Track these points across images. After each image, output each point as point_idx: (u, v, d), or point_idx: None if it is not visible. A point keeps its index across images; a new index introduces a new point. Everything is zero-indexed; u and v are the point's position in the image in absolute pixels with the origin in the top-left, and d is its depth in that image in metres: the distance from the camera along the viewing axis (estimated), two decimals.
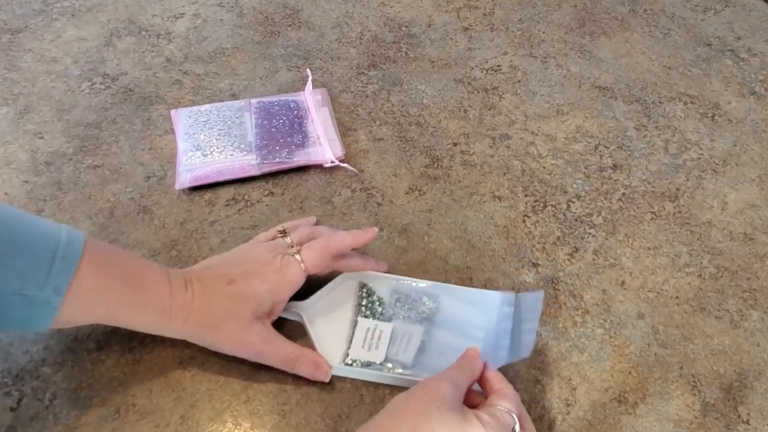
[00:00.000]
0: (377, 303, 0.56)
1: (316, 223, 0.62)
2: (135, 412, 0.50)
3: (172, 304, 0.48)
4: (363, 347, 0.53)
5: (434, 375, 0.46)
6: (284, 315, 0.54)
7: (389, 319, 0.55)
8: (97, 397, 0.50)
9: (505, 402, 0.45)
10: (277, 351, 0.51)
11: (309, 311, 0.54)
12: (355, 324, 0.54)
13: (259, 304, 0.50)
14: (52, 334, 0.54)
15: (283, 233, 0.54)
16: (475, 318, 0.55)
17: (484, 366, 0.48)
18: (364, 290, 0.56)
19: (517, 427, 0.45)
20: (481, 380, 0.48)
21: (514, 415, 0.45)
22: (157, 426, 0.49)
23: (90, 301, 0.45)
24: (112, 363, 0.52)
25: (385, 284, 0.57)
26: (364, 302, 0.55)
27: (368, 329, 0.54)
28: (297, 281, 0.51)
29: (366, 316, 0.55)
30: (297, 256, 0.52)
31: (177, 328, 0.48)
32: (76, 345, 0.53)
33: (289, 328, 0.54)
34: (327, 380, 0.51)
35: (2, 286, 0.41)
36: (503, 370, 0.50)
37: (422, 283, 0.57)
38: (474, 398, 0.48)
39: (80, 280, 0.44)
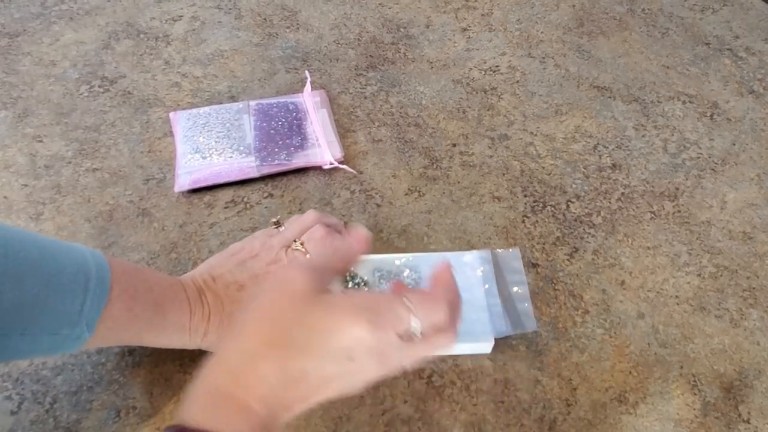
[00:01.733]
0: (362, 284, 0.56)
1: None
2: (135, 415, 0.50)
3: (192, 321, 0.48)
4: None
5: None
6: None
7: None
8: (98, 400, 0.50)
9: (414, 295, 0.38)
10: None
11: None
12: None
13: None
14: None
15: (277, 224, 0.55)
16: (457, 280, 0.55)
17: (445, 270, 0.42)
18: (347, 275, 0.57)
19: (415, 324, 0.37)
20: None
21: (415, 317, 0.37)
22: (158, 428, 0.49)
23: (118, 331, 0.46)
24: (113, 366, 0.52)
25: (366, 265, 0.58)
26: (349, 286, 0.56)
27: None
28: None
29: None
30: (302, 249, 0.52)
31: (196, 342, 0.49)
32: None
33: None
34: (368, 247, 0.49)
35: (37, 329, 0.41)
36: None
37: (402, 257, 0.58)
38: None
39: (110, 312, 0.44)
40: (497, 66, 0.80)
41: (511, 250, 0.52)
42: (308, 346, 0.35)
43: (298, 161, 0.66)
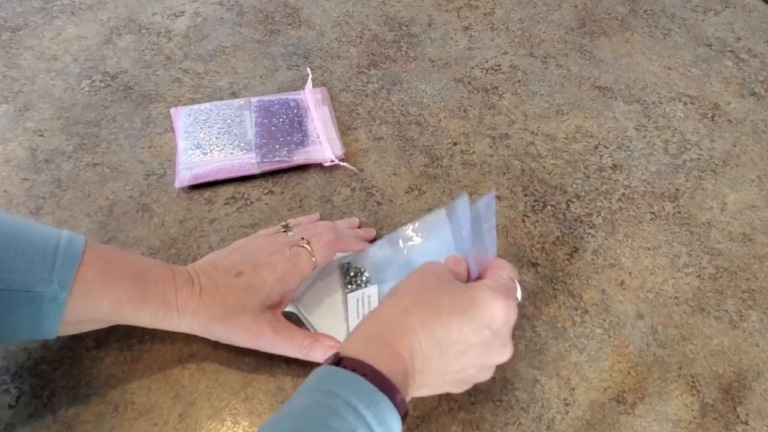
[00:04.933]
0: (359, 274, 0.57)
1: (319, 219, 0.62)
2: (133, 410, 0.50)
3: (178, 297, 0.48)
4: (359, 318, 0.54)
5: None
6: None
7: (374, 284, 0.57)
8: (96, 394, 0.50)
9: (503, 271, 0.47)
10: (290, 339, 0.50)
11: (302, 301, 0.55)
12: (346, 302, 0.55)
13: (268, 295, 0.50)
14: None
15: (286, 228, 0.55)
16: (446, 233, 0.58)
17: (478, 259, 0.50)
18: (345, 268, 0.58)
19: (519, 292, 0.47)
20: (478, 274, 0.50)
21: (515, 281, 0.47)
22: (156, 424, 0.49)
23: (95, 295, 0.45)
24: (111, 361, 0.52)
25: (361, 255, 0.58)
26: (347, 279, 0.57)
27: (358, 300, 0.55)
28: (306, 271, 0.52)
29: (353, 290, 0.56)
30: (307, 247, 0.52)
31: (186, 321, 0.48)
32: (75, 343, 0.53)
33: None
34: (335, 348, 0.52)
35: (9, 283, 0.42)
36: None
37: (394, 234, 0.59)
38: None
39: (84, 274, 0.45)
40: (499, 65, 0.80)
41: (487, 195, 0.51)
42: (453, 310, 0.42)
43: (299, 158, 0.66)
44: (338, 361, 0.39)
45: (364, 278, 0.57)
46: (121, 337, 0.53)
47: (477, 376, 0.46)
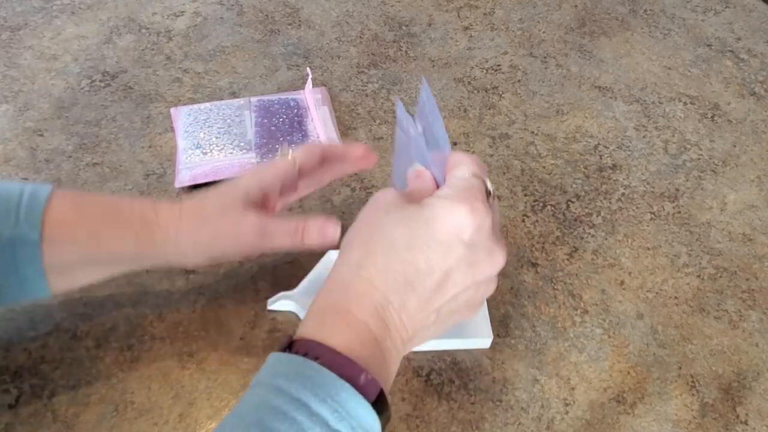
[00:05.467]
0: None
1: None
2: (133, 410, 0.50)
3: (158, 213, 0.46)
4: None
5: None
6: (276, 307, 0.55)
7: None
8: (96, 394, 0.50)
9: (462, 167, 0.39)
10: (281, 227, 0.47)
11: (301, 300, 0.55)
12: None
13: (246, 190, 0.47)
14: (51, 331, 0.54)
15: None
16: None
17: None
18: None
19: (490, 186, 0.39)
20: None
21: (479, 176, 0.39)
22: (156, 424, 0.49)
23: (69, 227, 0.43)
24: (111, 360, 0.52)
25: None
26: None
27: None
28: (284, 166, 0.49)
29: None
30: (286, 148, 0.51)
31: (171, 238, 0.45)
32: (75, 342, 0.53)
33: (283, 321, 0.55)
34: (336, 235, 0.47)
35: None
36: None
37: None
38: None
39: (53, 210, 0.43)
40: (499, 65, 0.80)
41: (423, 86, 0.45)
42: (411, 242, 0.36)
43: None
44: (289, 344, 0.35)
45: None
46: (121, 337, 0.53)
47: (477, 296, 0.39)
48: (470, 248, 0.36)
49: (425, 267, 0.36)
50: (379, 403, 0.33)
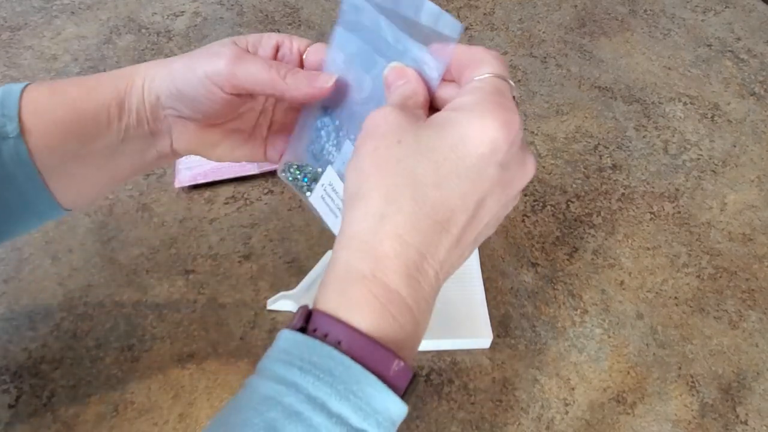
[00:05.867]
0: (299, 169, 0.45)
1: None
2: (133, 410, 0.50)
3: (138, 68, 0.40)
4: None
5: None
6: (276, 307, 0.55)
7: (324, 165, 0.42)
8: (96, 394, 0.50)
9: (484, 67, 0.32)
10: (261, 57, 0.39)
11: (301, 300, 0.55)
12: (316, 211, 0.43)
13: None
14: (51, 331, 0.54)
15: None
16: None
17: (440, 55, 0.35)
18: (288, 177, 0.45)
19: (515, 90, 0.33)
20: (448, 73, 0.35)
21: (506, 79, 0.32)
22: (155, 424, 0.49)
23: (47, 110, 0.39)
24: (111, 361, 0.52)
25: (289, 150, 0.45)
26: (297, 188, 0.45)
27: (323, 198, 0.41)
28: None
29: (309, 192, 0.43)
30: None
31: (154, 86, 0.40)
32: (75, 342, 0.53)
33: (283, 321, 0.54)
34: (329, 84, 0.38)
35: None
36: None
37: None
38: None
39: (30, 101, 0.39)
40: None
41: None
42: (440, 177, 0.30)
43: None
44: (306, 319, 0.29)
45: (308, 170, 0.42)
46: (121, 337, 0.53)
47: (505, 212, 0.34)
48: (504, 168, 0.31)
49: (459, 202, 0.30)
50: (409, 390, 0.29)
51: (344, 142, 0.40)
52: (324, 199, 0.40)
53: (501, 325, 0.56)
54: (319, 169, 0.41)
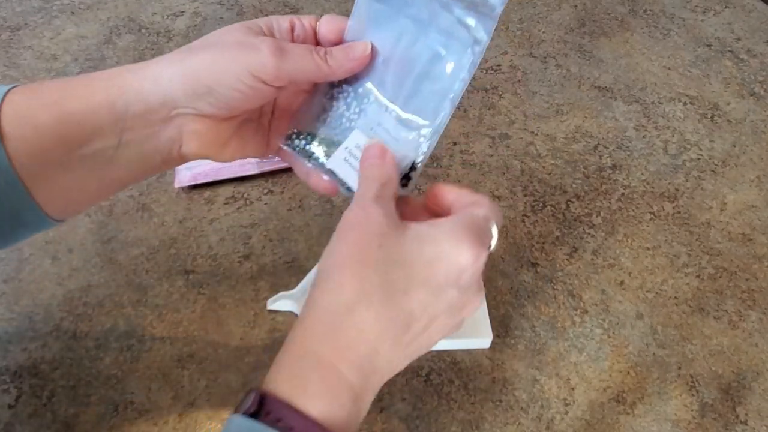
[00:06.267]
0: (310, 138, 0.44)
1: None
2: (133, 410, 0.50)
3: (127, 70, 0.38)
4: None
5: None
6: (276, 307, 0.55)
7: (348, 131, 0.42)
8: (95, 394, 0.50)
9: (477, 208, 0.35)
10: (299, 46, 0.38)
11: (301, 300, 0.55)
12: (335, 176, 0.44)
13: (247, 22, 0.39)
14: (51, 331, 0.54)
15: None
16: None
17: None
18: (295, 146, 0.45)
19: (494, 241, 0.35)
20: (428, 199, 0.39)
21: (492, 222, 0.35)
22: (155, 424, 0.49)
23: (28, 112, 0.36)
24: (111, 361, 0.52)
25: (301, 119, 0.44)
26: (308, 156, 0.44)
27: (346, 160, 0.42)
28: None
29: (324, 158, 0.43)
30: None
31: (147, 74, 0.37)
32: (75, 343, 0.53)
33: (283, 321, 0.55)
34: (368, 52, 0.39)
35: None
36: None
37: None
38: (418, 213, 0.39)
39: (10, 103, 0.36)
40: (498, 65, 0.80)
41: None
42: (410, 285, 0.32)
43: None
44: (259, 402, 0.30)
45: (321, 137, 0.42)
46: (121, 337, 0.53)
47: (445, 335, 0.37)
48: (462, 292, 0.34)
49: (418, 311, 0.33)
50: None
51: (370, 107, 0.41)
52: (347, 160, 0.41)
53: (501, 325, 0.56)
54: (336, 137, 0.41)
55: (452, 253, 0.33)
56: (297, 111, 0.43)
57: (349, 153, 0.41)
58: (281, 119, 0.44)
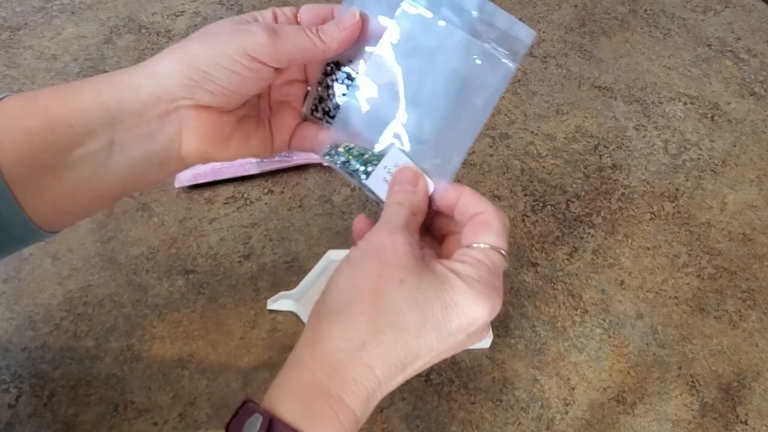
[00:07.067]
0: (348, 148, 0.44)
1: None
2: (133, 410, 0.50)
3: (121, 71, 0.37)
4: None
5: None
6: (276, 307, 0.55)
7: (385, 148, 0.41)
8: (95, 394, 0.50)
9: (490, 236, 0.35)
10: (291, 26, 0.39)
11: (301, 299, 0.55)
12: (373, 193, 0.43)
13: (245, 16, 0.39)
14: (51, 331, 0.54)
15: None
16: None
17: (448, 189, 0.38)
18: (335, 159, 0.44)
19: (507, 262, 0.36)
20: (445, 205, 0.38)
21: (504, 252, 0.35)
22: (155, 423, 0.49)
23: (18, 115, 0.35)
24: (111, 360, 0.52)
25: (337, 128, 0.44)
26: (349, 168, 0.44)
27: (385, 180, 0.41)
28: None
29: (365, 172, 0.42)
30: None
31: (141, 70, 0.37)
32: (75, 342, 0.53)
33: (283, 321, 0.55)
34: (357, 18, 0.39)
35: None
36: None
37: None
38: (443, 224, 0.39)
39: (3, 108, 0.36)
40: None
41: None
42: (423, 329, 0.33)
43: (299, 158, 0.66)
44: (268, 427, 0.30)
45: (356, 152, 0.41)
46: (121, 337, 0.53)
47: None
48: (470, 336, 0.35)
49: (425, 351, 0.34)
50: None
51: (358, 87, 0.41)
52: (387, 180, 0.40)
53: (501, 324, 0.56)
54: (369, 152, 0.41)
55: (469, 305, 0.33)
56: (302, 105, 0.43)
57: (388, 172, 0.40)
58: (279, 113, 0.44)
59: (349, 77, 0.42)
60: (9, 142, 0.35)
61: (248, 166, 0.65)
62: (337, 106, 0.42)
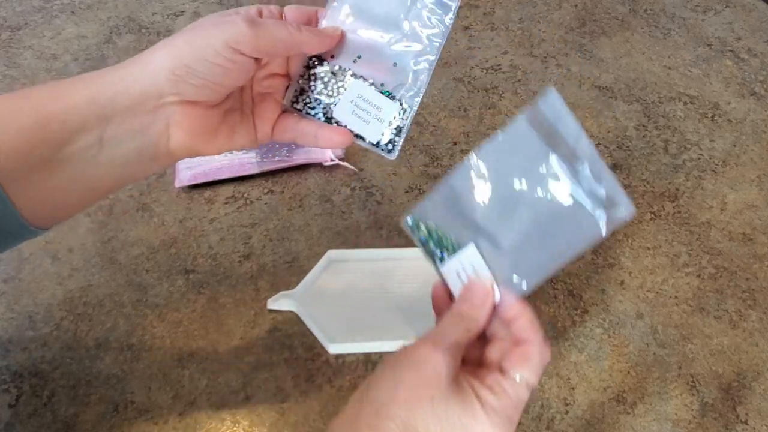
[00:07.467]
0: (431, 232, 0.45)
1: None
2: (133, 410, 0.50)
3: (111, 69, 0.38)
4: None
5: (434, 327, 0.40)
6: (276, 307, 0.55)
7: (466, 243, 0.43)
8: (96, 394, 0.50)
9: (526, 369, 0.37)
10: (272, 19, 0.40)
11: (301, 299, 0.55)
12: (445, 280, 0.44)
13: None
14: (51, 331, 0.54)
15: None
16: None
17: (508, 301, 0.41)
18: (417, 232, 0.45)
19: (533, 394, 0.39)
20: (504, 318, 0.41)
21: (533, 389, 0.38)
22: (156, 423, 0.49)
23: (11, 113, 0.36)
24: (111, 360, 0.52)
25: (424, 205, 0.45)
26: (427, 248, 0.44)
27: (458, 273, 0.43)
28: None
29: (441, 261, 0.43)
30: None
31: (135, 63, 0.38)
32: (75, 342, 0.53)
33: (283, 321, 0.55)
34: (337, 37, 0.42)
35: None
36: None
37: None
38: (496, 328, 0.41)
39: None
40: (499, 65, 0.80)
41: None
42: None
43: (299, 158, 0.66)
44: None
45: (436, 235, 0.43)
46: (121, 337, 0.53)
47: None
48: None
49: None
50: None
51: (347, 84, 0.43)
52: (459, 274, 0.42)
53: None
54: (448, 239, 0.43)
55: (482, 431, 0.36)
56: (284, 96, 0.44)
57: (462, 268, 0.42)
58: (261, 104, 0.44)
59: (332, 72, 0.43)
60: (2, 139, 0.35)
61: (248, 166, 0.65)
62: (318, 100, 0.43)
